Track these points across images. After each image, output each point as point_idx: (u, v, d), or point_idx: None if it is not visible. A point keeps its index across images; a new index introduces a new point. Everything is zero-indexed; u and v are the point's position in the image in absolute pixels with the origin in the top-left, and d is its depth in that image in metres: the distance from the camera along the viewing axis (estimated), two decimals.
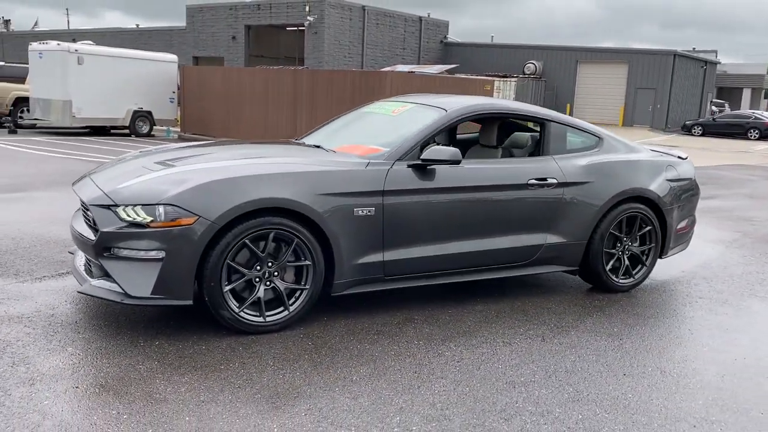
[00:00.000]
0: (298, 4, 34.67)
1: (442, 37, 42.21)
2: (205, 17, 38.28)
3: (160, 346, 3.64)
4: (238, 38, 37.14)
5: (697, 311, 4.79)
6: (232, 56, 37.26)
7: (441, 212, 4.34)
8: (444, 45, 42.12)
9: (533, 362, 3.69)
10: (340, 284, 4.09)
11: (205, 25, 38.36)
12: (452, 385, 3.34)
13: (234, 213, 3.65)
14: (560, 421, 3.02)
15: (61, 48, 16.24)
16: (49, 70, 16.39)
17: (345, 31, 35.44)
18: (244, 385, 3.22)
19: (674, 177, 5.31)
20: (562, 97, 37.63)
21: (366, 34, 36.63)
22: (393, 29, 38.79)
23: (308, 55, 34.91)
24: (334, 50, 34.77)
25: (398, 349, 3.77)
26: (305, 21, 34.14)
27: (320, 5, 34.10)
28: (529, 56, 38.69)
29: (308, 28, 34.39)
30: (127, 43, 42.02)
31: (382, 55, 37.92)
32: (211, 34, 38.17)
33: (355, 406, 3.07)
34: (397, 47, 39.19)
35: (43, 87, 16.60)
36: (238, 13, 36.94)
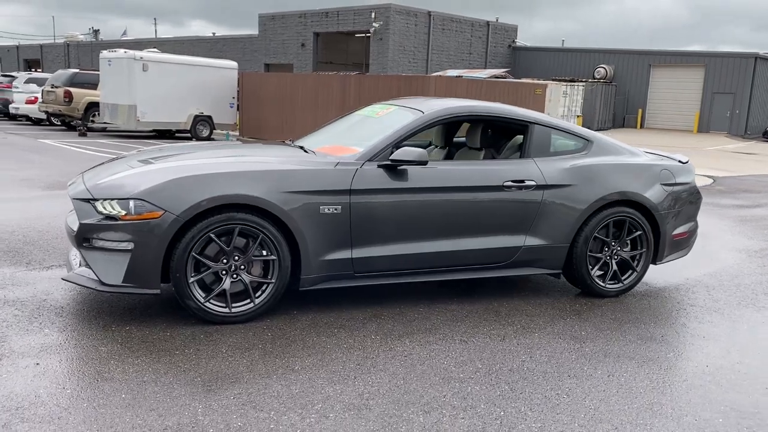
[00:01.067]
0: (364, 11, 35.21)
1: (510, 41, 41.79)
2: (276, 25, 39.40)
3: (129, 331, 3.91)
4: (307, 45, 38.03)
5: (682, 318, 4.67)
6: (301, 63, 38.19)
7: (412, 212, 4.43)
8: (512, 50, 41.68)
9: (481, 360, 3.73)
10: (307, 279, 4.25)
11: (276, 33, 39.48)
12: (388, 378, 3.43)
13: (198, 208, 3.88)
14: (479, 416, 3.07)
15: (128, 55, 17.19)
16: (116, 77, 17.38)
17: (410, 36, 35.68)
18: (190, 369, 3.43)
19: (670, 181, 5.19)
20: (634, 102, 36.53)
21: (431, 39, 36.74)
22: (459, 34, 38.73)
23: (373, 61, 35.36)
24: (398, 56, 35.06)
25: (352, 343, 3.89)
26: (371, 27, 34.60)
27: (386, 12, 34.49)
28: (600, 60, 37.76)
29: (373, 34, 34.83)
30: (203, 51, 43.77)
31: (447, 60, 37.93)
32: (281, 41, 39.24)
33: (285, 392, 3.21)
34: (463, 52, 39.10)
35: (112, 92, 17.60)
36: (308, 20, 37.83)
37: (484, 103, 5.16)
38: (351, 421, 2.96)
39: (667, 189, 5.16)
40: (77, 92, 18.65)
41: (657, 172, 5.16)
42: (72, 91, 18.57)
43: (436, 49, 37.30)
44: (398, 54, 35.21)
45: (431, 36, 36.75)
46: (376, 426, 2.94)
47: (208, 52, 43.78)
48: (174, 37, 51.28)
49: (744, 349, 4.12)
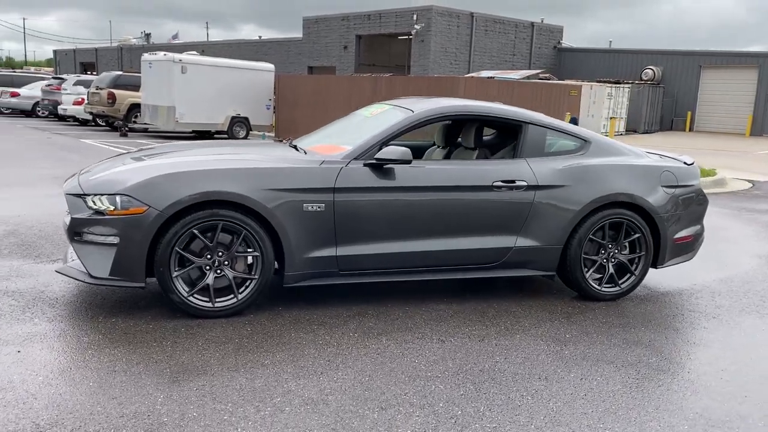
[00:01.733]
0: (406, 13, 35.25)
1: (555, 42, 41.20)
2: (320, 28, 39.80)
3: (114, 323, 4.03)
4: (349, 48, 38.28)
5: (676, 324, 4.55)
6: (343, 65, 38.47)
7: (399, 211, 4.44)
8: (557, 51, 41.08)
9: (453, 360, 3.72)
10: (291, 276, 4.30)
11: (319, 35, 39.88)
12: (354, 375, 3.45)
13: (180, 204, 3.97)
14: (435, 415, 3.06)
15: (167, 58, 17.64)
16: (156, 79, 17.85)
17: (452, 38, 35.55)
18: (162, 360, 3.52)
19: (672, 183, 5.06)
20: (683, 104, 35.56)
21: (474, 40, 36.52)
22: (503, 35, 38.38)
23: (414, 62, 35.36)
24: (439, 57, 34.97)
25: (328, 340, 3.93)
26: (412, 29, 34.62)
27: (427, 13, 34.45)
28: (648, 61, 36.87)
29: (415, 36, 34.84)
30: (249, 54, 44.56)
31: (490, 61, 37.62)
32: (324, 44, 39.61)
33: (247, 386, 3.27)
34: (506, 53, 38.74)
35: (152, 94, 18.09)
36: (350, 23, 38.09)
37: (478, 102, 5.12)
38: (305, 416, 3.00)
39: (668, 191, 5.03)
40: (120, 94, 19.23)
41: (657, 174, 5.03)
42: (115, 93, 19.17)
43: (478, 50, 37.05)
44: (440, 55, 35.12)
45: (474, 37, 36.52)
46: (329, 421, 2.96)
47: (255, 55, 44.54)
48: (222, 40, 52.33)
49: (734, 357, 3.99)
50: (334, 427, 2.91)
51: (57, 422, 2.83)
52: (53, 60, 68.15)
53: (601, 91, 30.52)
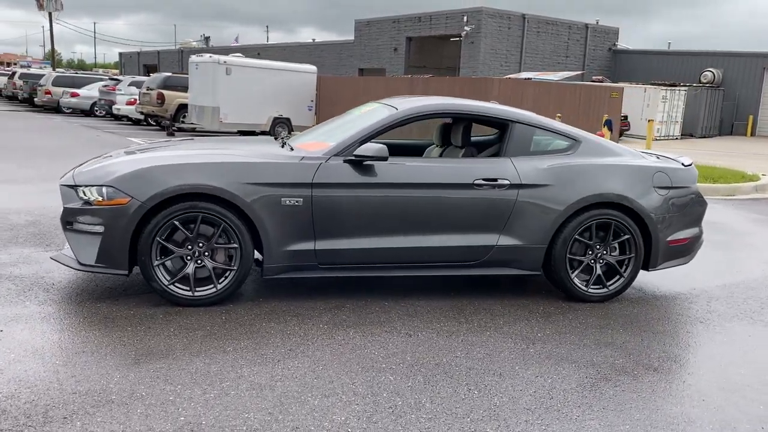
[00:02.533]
0: (456, 14, 35.16)
1: (610, 44, 40.32)
2: (371, 30, 40.11)
3: (98, 308, 4.24)
4: (400, 50, 38.44)
5: (659, 327, 4.46)
6: (393, 67, 38.65)
7: (378, 207, 4.50)
8: (612, 53, 40.20)
9: (413, 353, 3.76)
10: (270, 268, 4.42)
11: (370, 38, 40.19)
12: (310, 364, 3.55)
13: (161, 196, 4.15)
14: (374, 404, 3.12)
15: (212, 60, 18.15)
16: (202, 80, 18.40)
17: (502, 39, 35.25)
18: (130, 344, 3.69)
19: (665, 185, 4.95)
20: (744, 108, 34.26)
21: (525, 42, 36.11)
22: (556, 37, 37.82)
23: (464, 64, 35.22)
24: (489, 59, 34.73)
25: (297, 330, 4.03)
26: (462, 31, 34.50)
27: (477, 15, 34.28)
28: (707, 63, 35.66)
29: (464, 38, 34.71)
30: (303, 56, 45.26)
31: (542, 63, 37.12)
32: (375, 46, 39.90)
33: (202, 370, 3.40)
34: (559, 55, 38.15)
35: (198, 95, 18.64)
36: (401, 25, 38.25)
37: (464, 101, 5.13)
38: (247, 399, 3.11)
39: (661, 192, 4.93)
40: (169, 94, 19.89)
41: (649, 174, 4.94)
42: (164, 94, 19.83)
43: (530, 52, 36.62)
44: (490, 57, 34.87)
45: (525, 39, 36.11)
46: (268, 405, 3.06)
47: (308, 57, 45.21)
48: (277, 43, 53.35)
49: (704, 362, 3.90)
50: (272, 411, 3.01)
51: (13, 395, 3.02)
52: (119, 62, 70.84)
53: (656, 94, 29.70)
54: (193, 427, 2.83)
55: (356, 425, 2.93)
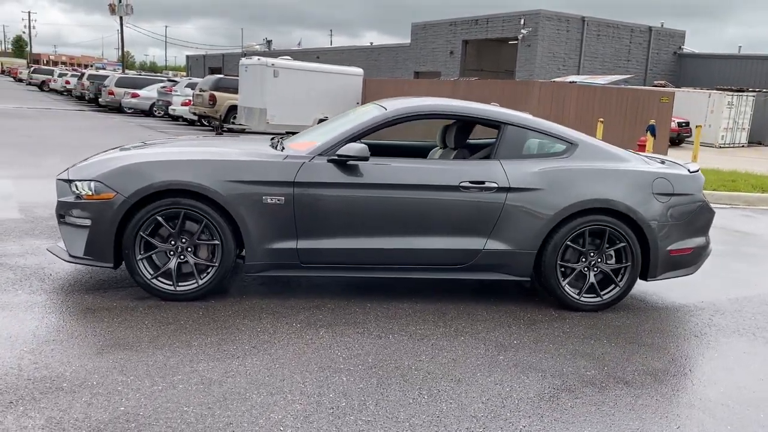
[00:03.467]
0: (513, 17, 34.73)
1: (675, 48, 39.00)
2: (427, 34, 40.07)
3: (84, 299, 4.37)
4: (456, 53, 38.26)
5: (648, 339, 4.27)
6: (448, 70, 38.49)
7: (362, 207, 4.48)
8: (677, 56, 38.89)
9: (376, 355, 3.72)
10: (252, 266, 4.46)
11: (426, 41, 40.16)
12: (268, 362, 3.55)
13: (144, 192, 4.25)
14: (317, 404, 3.10)
15: (260, 62, 18.51)
16: (251, 82, 18.77)
17: (560, 42, 34.59)
18: (101, 334, 3.78)
19: (666, 191, 4.74)
20: None
21: (584, 45, 35.34)
22: (617, 40, 36.87)
23: (520, 67, 34.74)
24: (546, 62, 34.13)
25: (267, 328, 4.05)
26: (518, 34, 34.04)
27: (535, 17, 33.76)
28: None
29: (521, 41, 34.22)
30: (360, 60, 45.62)
31: (602, 67, 36.24)
32: (431, 50, 39.83)
33: (160, 363, 3.45)
34: (620, 59, 37.16)
35: (247, 96, 19.04)
36: (457, 28, 38.07)
37: (455, 102, 5.04)
38: (193, 393, 3.14)
39: (661, 199, 4.72)
40: (220, 96, 20.37)
41: (649, 180, 4.74)
42: (216, 95, 20.33)
43: (589, 55, 35.82)
44: (547, 61, 34.28)
45: (584, 42, 35.34)
46: (211, 400, 3.09)
47: (365, 61, 45.59)
48: (336, 47, 53.94)
49: (686, 378, 3.70)
50: (211, 406, 3.03)
51: None
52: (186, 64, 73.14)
53: (721, 100, 28.55)
54: (129, 417, 2.88)
55: (290, 424, 2.92)
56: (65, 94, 38.82)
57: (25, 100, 31.57)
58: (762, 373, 3.82)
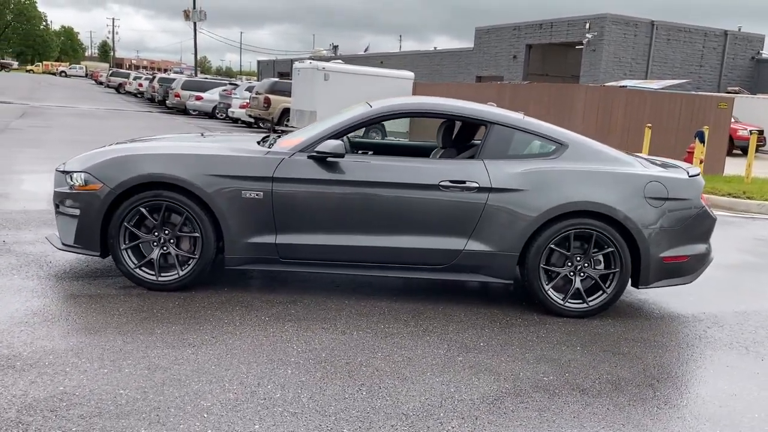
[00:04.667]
0: (578, 21, 33.96)
1: (753, 53, 37.18)
2: (491, 38, 39.69)
3: (71, 284, 4.55)
4: (519, 57, 37.72)
5: (626, 349, 4.10)
6: (511, 75, 37.98)
7: (340, 204, 4.49)
8: (755, 62, 37.05)
9: (332, 350, 3.72)
10: (232, 259, 4.54)
11: (490, 45, 39.78)
12: (221, 352, 3.60)
13: (128, 183, 4.39)
14: (250, 393, 3.13)
15: (312, 66, 18.77)
16: (302, 86, 19.07)
17: (627, 47, 33.57)
18: (74, 319, 3.93)
19: (660, 195, 4.54)
20: None
21: (653, 50, 34.16)
22: (688, 45, 35.45)
23: (584, 72, 33.92)
24: (612, 67, 33.19)
25: (236, 320, 4.11)
26: (583, 38, 33.25)
27: (601, 21, 32.90)
28: None
29: (586, 45, 33.42)
30: (423, 64, 45.66)
31: (671, 72, 34.92)
32: (494, 54, 39.43)
33: (117, 348, 3.55)
34: (692, 64, 35.72)
35: (299, 100, 19.35)
36: (521, 32, 37.54)
37: (440, 100, 4.99)
38: (136, 377, 3.22)
39: (654, 204, 4.52)
40: (275, 99, 20.81)
41: (641, 184, 4.55)
42: (270, 98, 20.78)
43: (658, 60, 34.59)
44: (613, 66, 33.33)
45: (653, 47, 34.16)
46: (149, 385, 3.16)
47: (428, 65, 45.60)
48: (399, 52, 54.19)
49: (648, 388, 3.53)
50: (147, 390, 3.11)
51: None
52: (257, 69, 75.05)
53: None
54: (64, 397, 2.99)
55: (216, 412, 2.96)
56: (138, 96, 40.52)
57: (100, 101, 33.13)
58: (738, 388, 3.60)
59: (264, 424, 2.88)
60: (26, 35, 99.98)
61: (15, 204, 7.08)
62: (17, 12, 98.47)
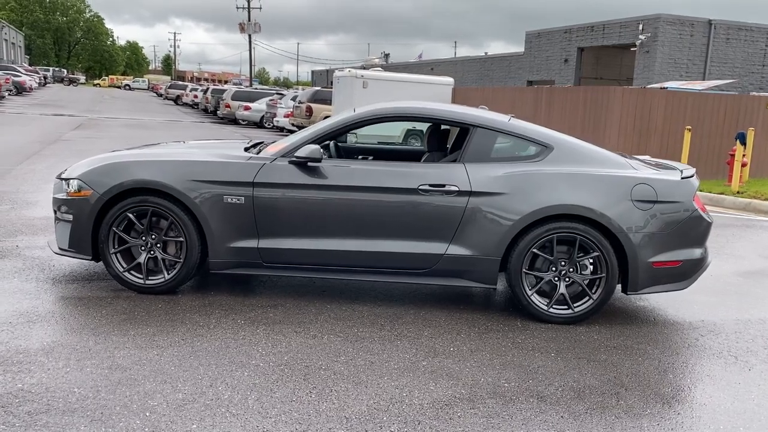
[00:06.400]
0: (631, 23, 33.11)
1: None
2: (542, 42, 39.12)
3: (65, 288, 4.72)
4: (570, 61, 37.04)
5: (603, 356, 3.96)
6: (562, 79, 37.31)
7: (320, 208, 4.52)
8: None
9: (295, 354, 3.74)
10: (216, 263, 4.63)
11: (540, 49, 39.21)
12: (186, 354, 3.67)
13: (116, 189, 4.54)
14: (198, 395, 3.18)
15: (351, 74, 18.94)
16: (342, 94, 19.26)
17: (683, 48, 32.50)
18: (57, 320, 4.08)
19: (647, 198, 4.39)
20: None
21: (711, 50, 32.96)
22: (750, 44, 34.06)
23: (638, 75, 33.01)
24: (667, 69, 32.20)
25: (212, 323, 4.17)
26: (636, 40, 32.39)
27: (654, 22, 31.98)
28: None
29: (639, 47, 32.54)
30: (473, 70, 45.41)
31: (731, 73, 33.61)
32: (545, 58, 38.84)
33: (85, 348, 3.67)
34: (754, 64, 34.28)
35: (338, 108, 19.52)
36: (572, 36, 36.86)
37: (423, 104, 4.94)
38: (94, 376, 3.32)
39: (641, 206, 4.37)
40: (317, 107, 21.10)
41: (627, 186, 4.40)
42: (312, 107, 21.08)
43: (716, 60, 33.35)
44: (667, 67, 32.33)
45: (711, 47, 32.97)
46: (105, 383, 3.25)
47: (478, 71, 45.30)
48: (449, 58, 54.02)
49: (611, 397, 3.40)
50: (100, 388, 3.19)
51: None
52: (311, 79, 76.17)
53: None
54: (19, 393, 3.10)
55: (162, 411, 3.02)
56: (194, 107, 41.74)
57: (156, 113, 34.26)
58: (710, 399, 3.43)
59: (203, 423, 2.92)
60: (94, 51, 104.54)
61: (41, 211, 7.40)
62: (86, 29, 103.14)
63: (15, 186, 8.89)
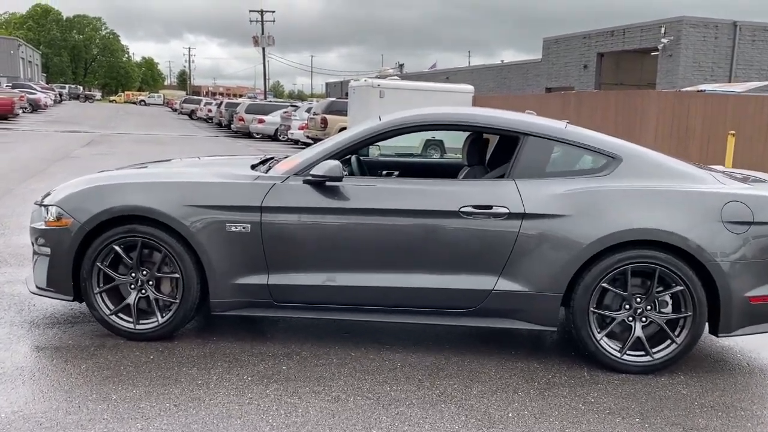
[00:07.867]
0: (652, 26, 32.22)
1: None
2: (560, 48, 38.30)
3: (42, 334, 3.98)
4: (590, 67, 36.17)
5: (703, 422, 3.15)
6: (582, 85, 36.45)
7: (343, 236, 3.76)
8: None
9: (315, 424, 2.97)
10: (217, 303, 3.87)
11: (558, 56, 38.39)
12: (177, 428, 2.92)
13: (100, 217, 3.80)
14: None
15: (367, 84, 18.24)
16: (359, 104, 18.56)
17: (707, 51, 31.53)
18: (24, 380, 3.33)
19: (742, 219, 3.58)
20: None
21: (736, 53, 31.95)
22: None
23: (661, 79, 32.07)
24: (690, 73, 31.22)
25: (209, 379, 3.42)
26: (658, 44, 31.48)
27: (677, 25, 31.07)
28: None
29: (662, 51, 31.62)
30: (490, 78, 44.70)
31: (758, 75, 32.53)
32: (563, 64, 38.00)
33: (56, 420, 2.92)
34: None
35: (354, 118, 18.82)
36: (591, 41, 36.01)
37: (461, 110, 4.19)
38: None
39: (735, 229, 3.57)
40: (332, 119, 20.41)
41: (717, 204, 3.60)
42: (327, 118, 20.39)
43: (742, 63, 32.32)
44: (691, 71, 31.36)
45: (736, 49, 31.96)
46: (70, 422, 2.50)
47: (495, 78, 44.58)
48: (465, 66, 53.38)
49: None
50: None
51: None
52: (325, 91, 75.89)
53: None
54: None
55: None
56: (208, 121, 41.32)
57: (170, 128, 33.82)
58: None
59: None
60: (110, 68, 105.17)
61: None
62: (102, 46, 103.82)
63: (11, 208, 8.23)
